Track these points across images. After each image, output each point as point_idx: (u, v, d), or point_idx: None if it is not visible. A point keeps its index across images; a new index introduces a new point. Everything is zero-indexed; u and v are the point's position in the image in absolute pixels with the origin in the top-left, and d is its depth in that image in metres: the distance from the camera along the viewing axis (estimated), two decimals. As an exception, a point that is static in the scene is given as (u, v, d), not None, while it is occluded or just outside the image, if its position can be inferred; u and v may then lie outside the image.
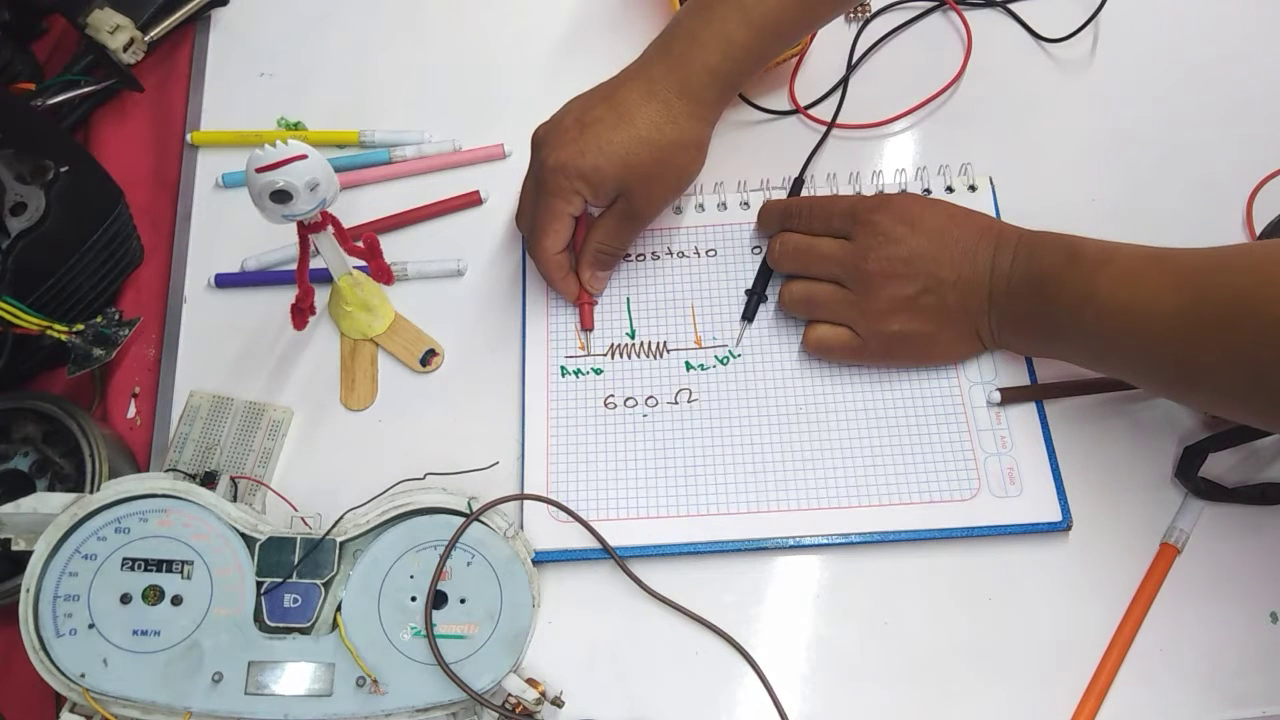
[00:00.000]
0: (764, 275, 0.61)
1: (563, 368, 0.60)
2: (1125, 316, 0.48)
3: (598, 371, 0.60)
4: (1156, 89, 0.67)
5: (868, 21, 0.70)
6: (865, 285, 0.55)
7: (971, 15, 0.69)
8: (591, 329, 0.61)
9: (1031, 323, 0.53)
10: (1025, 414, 0.57)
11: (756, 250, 0.62)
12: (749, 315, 0.60)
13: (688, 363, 0.60)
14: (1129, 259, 0.49)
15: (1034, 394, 0.57)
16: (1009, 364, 0.58)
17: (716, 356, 0.60)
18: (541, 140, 0.58)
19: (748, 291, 0.61)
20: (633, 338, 0.61)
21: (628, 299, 0.62)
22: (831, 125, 0.66)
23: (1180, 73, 0.67)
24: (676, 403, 0.58)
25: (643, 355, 0.60)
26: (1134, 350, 0.49)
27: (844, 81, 0.67)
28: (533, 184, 0.58)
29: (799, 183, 0.64)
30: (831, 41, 0.69)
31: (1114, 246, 0.51)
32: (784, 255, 0.59)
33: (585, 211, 0.59)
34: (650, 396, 0.59)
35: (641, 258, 0.63)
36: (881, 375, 0.58)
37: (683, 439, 0.57)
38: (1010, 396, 0.57)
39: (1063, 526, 0.54)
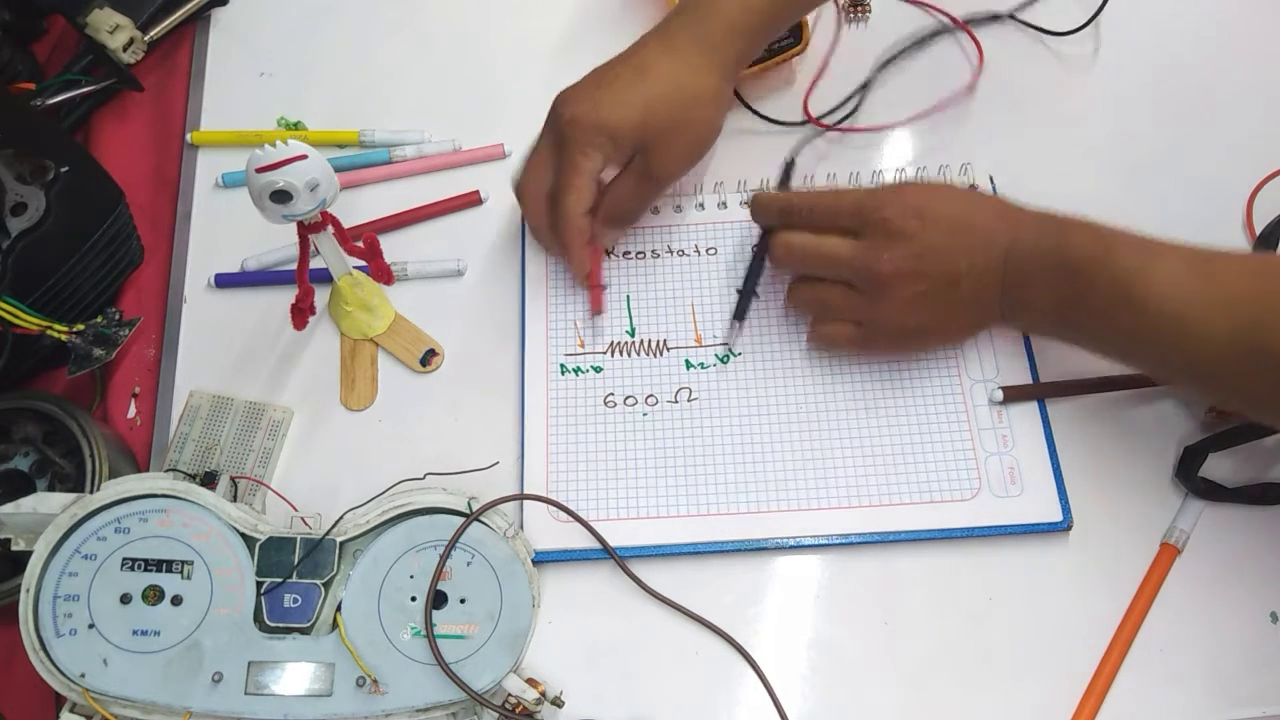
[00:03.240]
0: (755, 272, 0.60)
1: (562, 365, 0.60)
2: (1170, 328, 0.47)
3: (597, 369, 0.60)
4: (1156, 89, 0.67)
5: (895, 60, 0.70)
6: (877, 287, 0.53)
7: (978, 25, 0.69)
8: (601, 312, 0.60)
9: (1054, 314, 0.52)
10: (1027, 413, 0.57)
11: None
12: (740, 314, 0.60)
13: (688, 361, 0.60)
14: (1172, 267, 0.47)
15: (1036, 393, 0.57)
16: (1010, 361, 0.58)
17: (717, 355, 0.59)
18: (560, 101, 0.57)
19: (739, 290, 0.60)
20: (633, 336, 0.61)
21: (628, 297, 0.62)
22: (831, 127, 0.66)
23: (1180, 73, 0.67)
24: (676, 401, 0.58)
25: (643, 353, 0.60)
26: (1176, 362, 0.48)
27: (861, 91, 0.67)
28: (549, 142, 0.57)
29: (790, 166, 0.62)
30: (848, 50, 0.69)
31: (1152, 246, 0.49)
32: (789, 256, 0.57)
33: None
34: (650, 395, 0.59)
35: (641, 255, 0.63)
36: (883, 374, 0.58)
37: (683, 438, 0.57)
38: (1012, 395, 0.56)
39: (1063, 526, 0.54)
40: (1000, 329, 0.57)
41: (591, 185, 0.56)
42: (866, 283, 0.54)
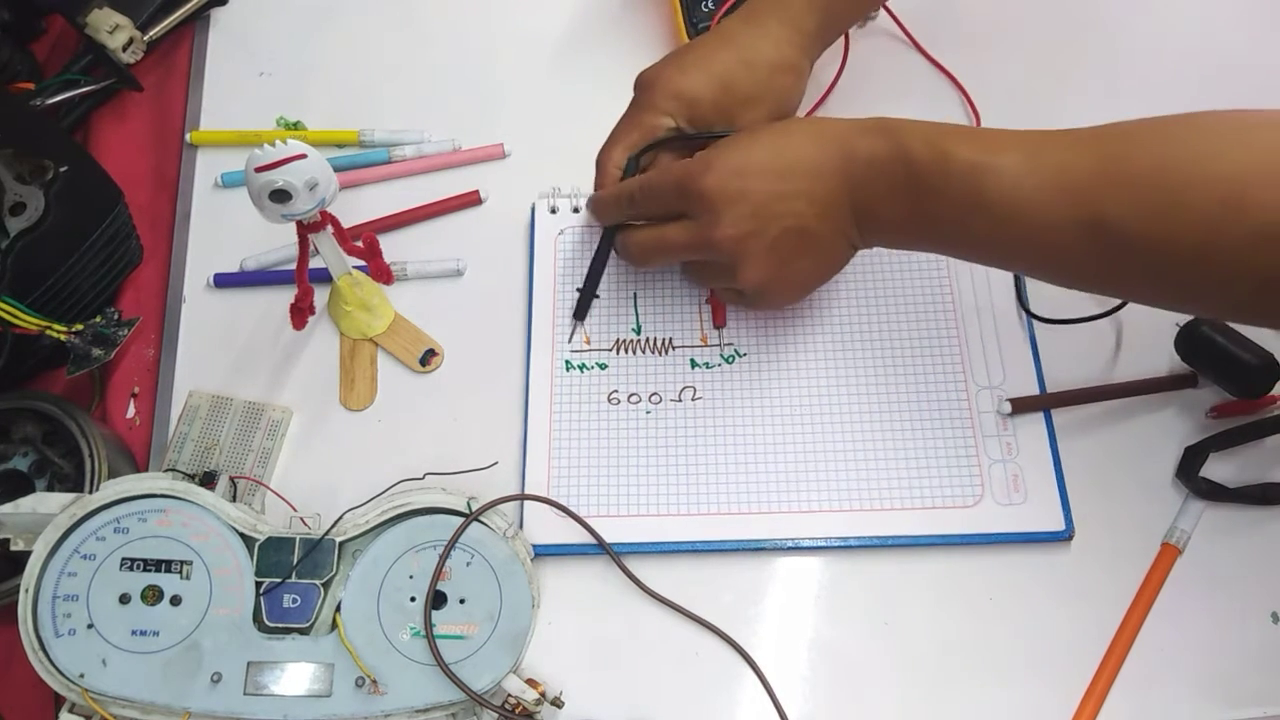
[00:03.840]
0: (597, 270, 0.60)
1: (567, 362, 0.60)
2: (1020, 224, 0.45)
3: (602, 366, 0.59)
4: (1158, 92, 0.66)
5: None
6: (728, 258, 0.52)
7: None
8: (723, 325, 0.60)
9: (909, 225, 0.50)
10: (1031, 419, 0.56)
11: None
12: (581, 313, 0.60)
13: (693, 360, 0.59)
14: (1011, 162, 0.45)
15: (1044, 403, 0.56)
16: (1016, 366, 0.57)
17: (722, 355, 0.59)
18: (642, 72, 0.57)
19: (579, 290, 0.60)
20: (638, 333, 0.60)
21: (634, 294, 0.61)
22: None
23: (1182, 76, 0.67)
24: (680, 400, 0.58)
25: (648, 351, 0.60)
26: (1035, 255, 0.47)
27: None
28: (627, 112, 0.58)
29: (637, 160, 0.57)
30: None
31: (986, 142, 0.47)
32: (640, 256, 0.56)
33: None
34: (654, 393, 0.59)
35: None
36: (888, 378, 0.58)
37: (686, 437, 0.57)
38: (1020, 407, 0.56)
39: (1064, 536, 0.53)
40: (867, 247, 0.55)
41: (641, 142, 0.56)
42: (716, 258, 0.53)
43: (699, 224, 0.52)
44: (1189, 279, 0.43)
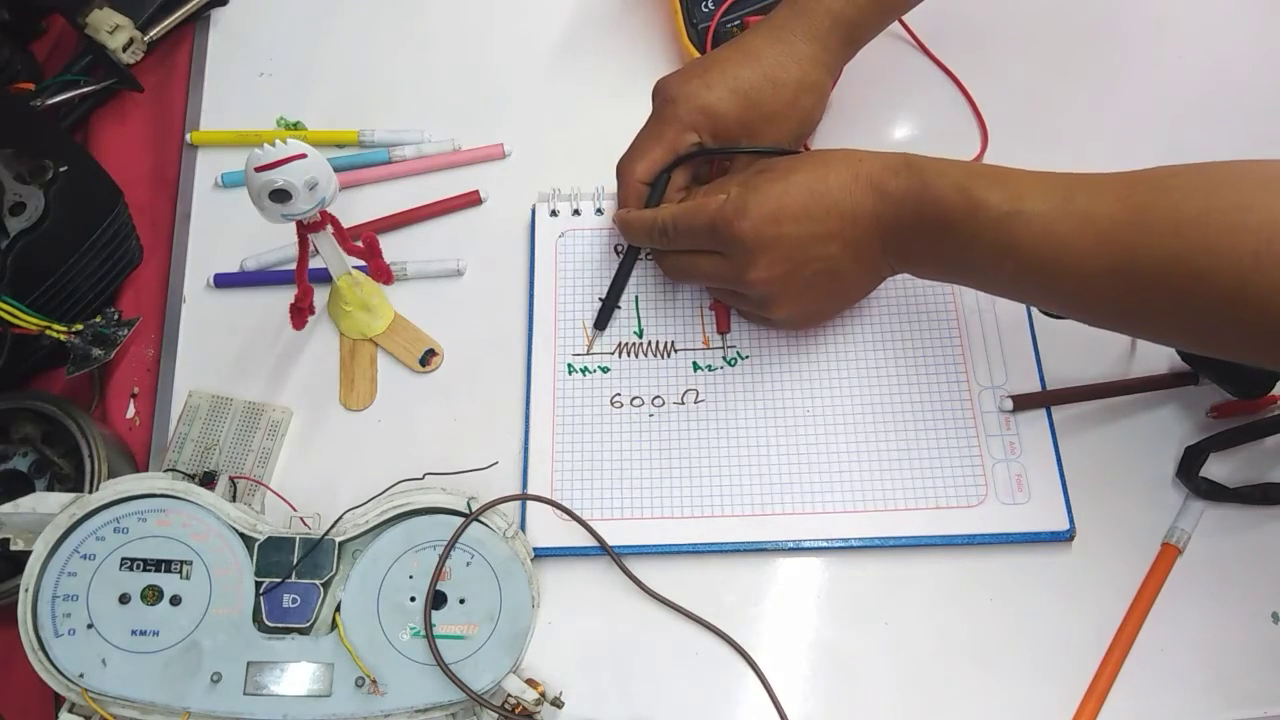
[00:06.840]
0: (620, 284, 0.60)
1: (569, 365, 0.60)
2: (1052, 270, 0.46)
3: (604, 370, 0.59)
4: (1159, 92, 0.66)
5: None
6: (759, 295, 0.54)
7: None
8: (727, 332, 0.60)
9: (940, 264, 0.52)
10: (1034, 419, 0.56)
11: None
12: (602, 323, 0.60)
13: (695, 363, 0.59)
14: (1041, 211, 0.46)
15: (1046, 400, 0.56)
16: (1018, 366, 0.57)
17: (724, 358, 0.59)
18: (664, 83, 0.57)
19: (602, 299, 0.60)
20: (640, 336, 0.60)
21: (636, 297, 0.61)
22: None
23: (1183, 77, 0.67)
24: (683, 403, 0.58)
25: (650, 355, 0.60)
26: (1066, 298, 0.48)
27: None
28: (650, 123, 0.57)
29: (667, 177, 0.57)
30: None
31: (1013, 186, 0.47)
32: (670, 273, 0.59)
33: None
34: (657, 396, 0.59)
35: (650, 256, 0.62)
36: (890, 380, 0.58)
37: (689, 440, 0.57)
38: (1022, 403, 0.56)
39: (1066, 536, 0.53)
40: (894, 275, 0.55)
41: (665, 157, 0.56)
42: (749, 294, 0.54)
43: (732, 263, 0.53)
44: (1216, 325, 0.43)
